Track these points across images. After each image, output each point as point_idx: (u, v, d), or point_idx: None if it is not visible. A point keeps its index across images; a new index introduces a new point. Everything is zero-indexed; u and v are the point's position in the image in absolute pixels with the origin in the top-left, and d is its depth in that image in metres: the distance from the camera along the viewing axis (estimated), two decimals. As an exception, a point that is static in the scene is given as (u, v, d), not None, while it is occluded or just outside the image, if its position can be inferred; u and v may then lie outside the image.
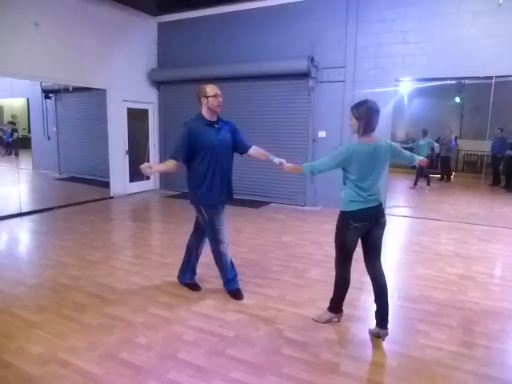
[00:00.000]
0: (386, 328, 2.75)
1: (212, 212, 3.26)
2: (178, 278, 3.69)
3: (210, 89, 3.15)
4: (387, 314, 2.76)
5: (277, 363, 2.46)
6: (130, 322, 2.97)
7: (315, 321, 3.01)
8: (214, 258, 3.45)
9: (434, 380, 2.32)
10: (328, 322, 2.99)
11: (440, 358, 2.53)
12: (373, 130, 2.69)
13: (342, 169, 2.75)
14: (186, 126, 3.17)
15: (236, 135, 3.36)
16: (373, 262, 2.88)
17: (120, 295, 3.45)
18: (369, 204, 2.72)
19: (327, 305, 3.06)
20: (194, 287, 3.59)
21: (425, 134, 9.86)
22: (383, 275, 2.84)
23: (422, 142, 9.73)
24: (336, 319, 3.01)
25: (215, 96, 3.14)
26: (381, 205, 2.81)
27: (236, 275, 3.51)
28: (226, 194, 3.35)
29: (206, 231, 3.40)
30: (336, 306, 2.99)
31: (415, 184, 10.00)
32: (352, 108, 2.74)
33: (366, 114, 2.65)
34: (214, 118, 3.24)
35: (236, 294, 3.42)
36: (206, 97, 3.14)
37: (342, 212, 2.80)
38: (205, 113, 3.21)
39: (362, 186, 2.68)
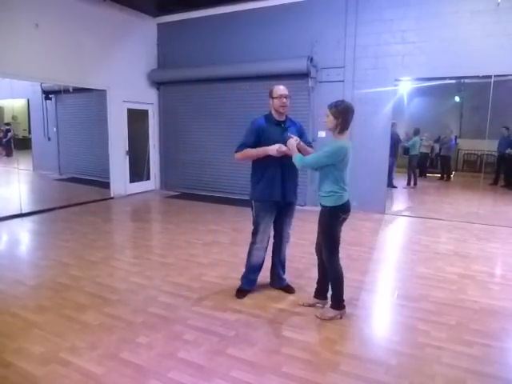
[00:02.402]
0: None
1: (260, 209, 3.32)
2: (270, 284, 3.68)
3: (276, 90, 3.27)
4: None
5: (277, 362, 2.47)
6: (130, 321, 2.98)
7: (318, 318, 3.03)
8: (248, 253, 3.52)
9: (433, 378, 2.33)
10: (331, 319, 3.01)
11: (440, 357, 2.54)
12: (347, 128, 2.87)
13: (329, 165, 2.85)
14: (253, 123, 3.31)
15: (302, 137, 3.37)
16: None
17: (120, 295, 3.46)
18: (348, 196, 2.93)
19: (327, 304, 3.07)
20: (287, 289, 3.58)
21: (416, 133, 9.95)
22: None
23: (414, 139, 9.85)
24: (339, 316, 3.03)
25: (279, 97, 3.24)
26: None
27: (257, 279, 3.57)
28: (287, 193, 3.36)
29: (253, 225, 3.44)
30: (338, 302, 3.03)
31: (415, 184, 10.02)
32: (331, 106, 2.86)
33: (343, 113, 2.80)
34: (282, 118, 3.34)
35: (241, 293, 3.49)
36: (272, 98, 3.28)
37: (331, 208, 2.91)
38: (273, 112, 3.33)
39: (345, 181, 2.88)
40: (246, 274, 3.52)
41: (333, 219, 2.92)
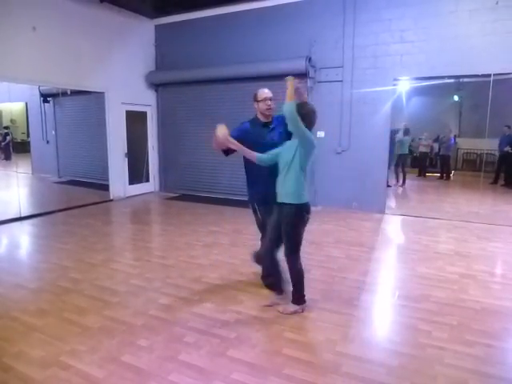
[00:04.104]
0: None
1: (265, 210, 3.32)
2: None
3: (260, 93, 3.34)
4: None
5: (278, 364, 2.46)
6: (130, 324, 2.97)
7: (280, 312, 3.09)
8: (263, 258, 3.40)
9: (435, 379, 2.32)
10: (293, 313, 3.08)
11: (441, 357, 2.53)
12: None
13: (300, 159, 2.92)
14: (241, 125, 3.39)
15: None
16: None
17: (120, 298, 3.45)
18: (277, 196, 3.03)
19: (328, 304, 3.07)
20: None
21: (406, 132, 9.93)
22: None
23: (404, 138, 9.82)
24: (300, 310, 3.11)
25: (264, 100, 3.31)
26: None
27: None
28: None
29: (259, 230, 3.47)
30: (299, 298, 3.11)
31: (397, 181, 9.95)
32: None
33: (310, 114, 2.96)
34: (269, 119, 3.39)
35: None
36: (257, 101, 3.34)
37: (297, 205, 2.94)
38: (259, 115, 3.39)
39: (305, 179, 2.95)
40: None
41: (298, 218, 2.99)
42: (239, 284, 3.54)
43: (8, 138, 7.36)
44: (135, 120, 8.56)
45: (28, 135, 7.98)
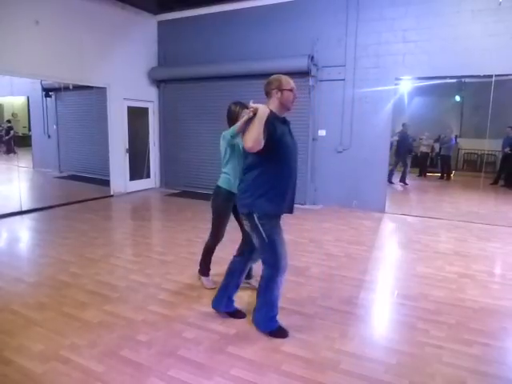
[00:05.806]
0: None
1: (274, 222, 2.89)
2: (212, 303, 3.07)
3: (286, 81, 2.65)
4: None
5: (277, 360, 2.47)
6: (130, 319, 2.98)
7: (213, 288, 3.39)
8: (262, 288, 2.76)
9: (433, 378, 2.33)
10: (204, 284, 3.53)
11: (439, 356, 2.54)
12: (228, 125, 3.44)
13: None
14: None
15: None
16: None
17: (120, 293, 3.46)
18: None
19: (327, 302, 3.08)
20: (235, 314, 3.02)
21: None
22: None
23: None
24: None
25: (291, 90, 2.65)
26: (217, 186, 3.53)
27: (277, 313, 2.81)
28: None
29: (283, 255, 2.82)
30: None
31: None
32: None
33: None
34: (282, 115, 2.71)
35: (281, 333, 2.75)
36: (281, 90, 2.62)
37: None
38: (275, 108, 2.63)
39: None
40: (272, 312, 2.77)
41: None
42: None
43: (11, 132, 7.36)
44: (137, 116, 8.56)
45: (29, 129, 7.98)
